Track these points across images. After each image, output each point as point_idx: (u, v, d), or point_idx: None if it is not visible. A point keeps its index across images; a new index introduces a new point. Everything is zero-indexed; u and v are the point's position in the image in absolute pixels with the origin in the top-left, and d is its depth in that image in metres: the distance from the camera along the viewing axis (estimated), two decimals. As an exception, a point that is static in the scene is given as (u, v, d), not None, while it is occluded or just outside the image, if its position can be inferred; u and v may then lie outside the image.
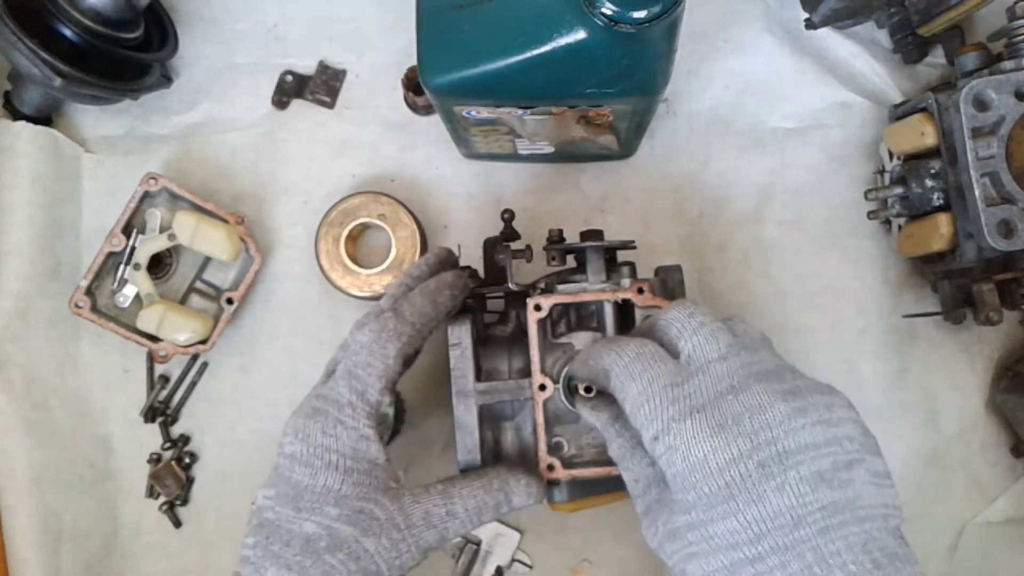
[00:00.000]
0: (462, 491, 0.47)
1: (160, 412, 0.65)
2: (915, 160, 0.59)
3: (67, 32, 0.58)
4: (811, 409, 0.39)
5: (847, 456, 0.38)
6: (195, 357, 0.65)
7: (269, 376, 0.65)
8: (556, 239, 0.55)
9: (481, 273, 0.57)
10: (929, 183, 0.57)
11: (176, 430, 0.66)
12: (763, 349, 0.43)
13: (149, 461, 0.65)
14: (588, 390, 0.49)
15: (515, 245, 0.56)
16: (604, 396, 0.48)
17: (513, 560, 0.64)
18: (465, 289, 0.52)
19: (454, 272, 0.53)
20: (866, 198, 0.63)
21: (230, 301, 0.63)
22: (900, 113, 0.61)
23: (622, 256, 0.56)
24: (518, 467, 0.50)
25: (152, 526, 0.65)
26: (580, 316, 0.54)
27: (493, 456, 0.52)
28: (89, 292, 0.62)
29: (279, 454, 0.47)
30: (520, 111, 0.51)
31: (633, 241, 0.55)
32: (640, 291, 0.51)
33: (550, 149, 0.61)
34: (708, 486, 0.38)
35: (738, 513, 0.37)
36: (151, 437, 0.65)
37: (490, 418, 0.52)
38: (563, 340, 0.52)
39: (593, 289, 0.52)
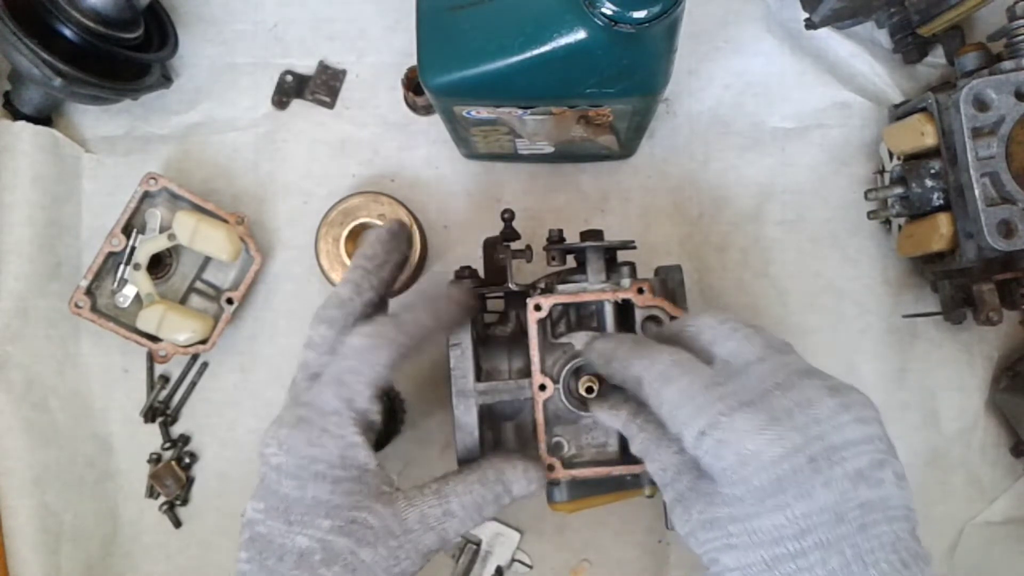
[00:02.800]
0: (457, 488, 0.46)
1: (160, 412, 0.65)
2: (915, 160, 0.59)
3: (67, 32, 0.58)
4: (853, 406, 0.39)
5: (880, 455, 0.39)
6: (195, 357, 0.65)
7: (269, 376, 0.65)
8: (556, 239, 0.55)
9: (481, 273, 0.57)
10: (929, 183, 0.57)
11: (176, 430, 0.66)
12: (792, 352, 0.43)
13: (149, 461, 0.65)
14: (589, 390, 0.49)
15: (515, 245, 0.56)
16: (616, 394, 0.48)
17: (513, 560, 0.64)
18: (472, 308, 0.51)
19: (464, 288, 0.51)
20: (866, 198, 0.63)
21: (230, 301, 0.63)
22: (900, 113, 0.61)
23: (622, 256, 0.56)
24: (514, 454, 0.48)
25: (152, 526, 0.65)
26: (580, 316, 0.54)
27: (493, 456, 0.52)
28: (89, 292, 0.62)
29: (263, 464, 0.45)
30: (520, 111, 0.51)
31: (633, 241, 0.55)
32: (640, 291, 0.51)
33: (550, 149, 0.61)
34: (759, 479, 0.37)
35: (787, 508, 0.37)
36: (151, 437, 0.65)
37: (490, 418, 0.52)
38: (563, 340, 0.52)
39: (593, 289, 0.52)
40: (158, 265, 0.64)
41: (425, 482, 0.46)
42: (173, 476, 0.64)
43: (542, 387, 0.50)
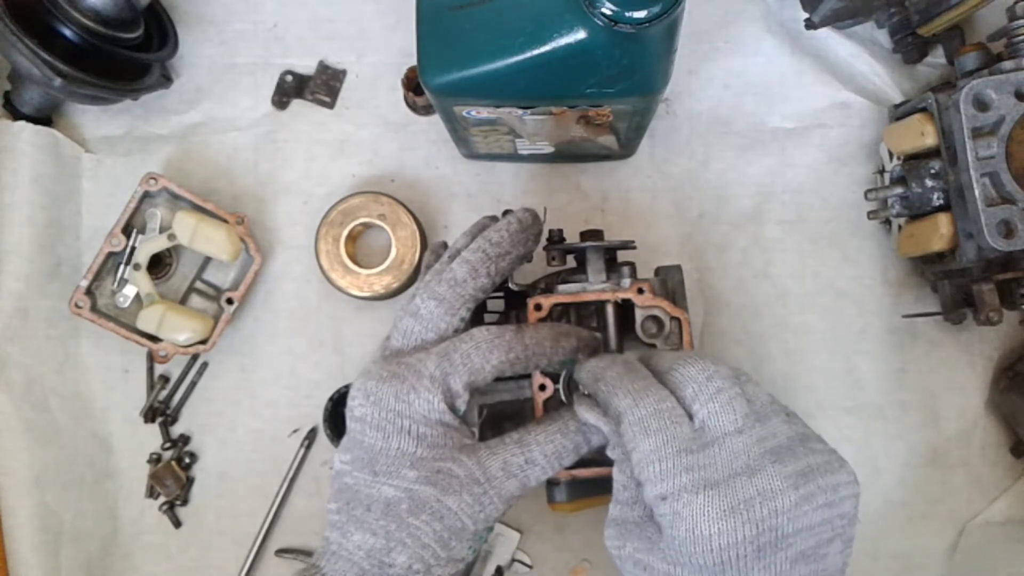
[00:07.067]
0: (538, 437, 0.46)
1: (160, 412, 0.65)
2: (915, 160, 0.59)
3: (67, 32, 0.58)
4: (819, 494, 0.39)
5: (832, 533, 0.40)
6: (195, 357, 0.65)
7: (269, 376, 0.65)
8: (556, 239, 0.55)
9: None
10: (929, 183, 0.57)
11: (176, 430, 0.66)
12: (774, 416, 0.42)
13: (149, 461, 0.65)
14: (574, 386, 0.49)
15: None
16: None
17: (513, 560, 0.64)
18: (596, 351, 0.50)
19: (591, 336, 0.51)
20: (866, 198, 0.63)
21: (230, 301, 0.63)
22: (900, 113, 0.61)
23: (622, 256, 0.56)
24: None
25: (152, 526, 0.65)
26: (580, 316, 0.54)
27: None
28: (89, 292, 0.62)
29: (349, 417, 0.46)
30: (520, 111, 0.51)
31: (633, 241, 0.55)
32: (640, 291, 0.51)
33: (550, 149, 0.61)
34: (704, 559, 0.38)
35: None
36: (151, 437, 0.65)
37: (490, 418, 0.52)
38: (563, 340, 0.52)
39: (593, 289, 0.52)
40: (158, 265, 0.64)
41: (507, 433, 0.47)
42: (173, 476, 0.64)
43: (542, 387, 0.50)
